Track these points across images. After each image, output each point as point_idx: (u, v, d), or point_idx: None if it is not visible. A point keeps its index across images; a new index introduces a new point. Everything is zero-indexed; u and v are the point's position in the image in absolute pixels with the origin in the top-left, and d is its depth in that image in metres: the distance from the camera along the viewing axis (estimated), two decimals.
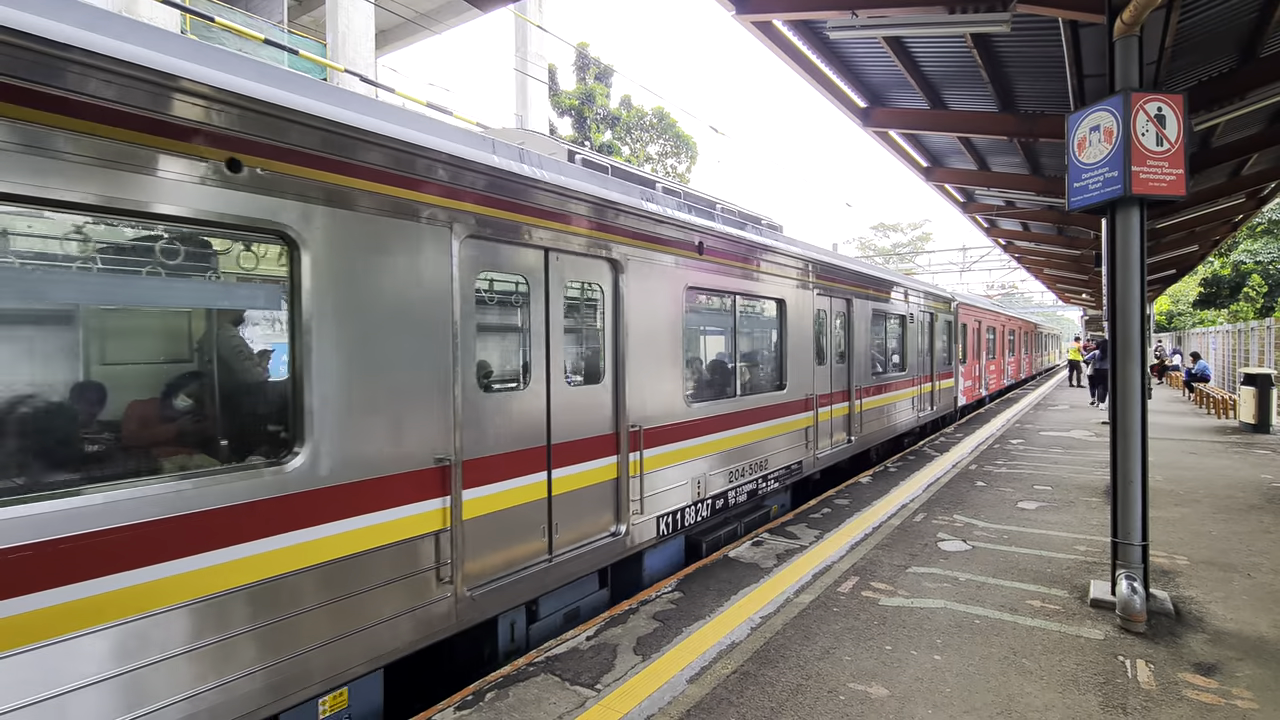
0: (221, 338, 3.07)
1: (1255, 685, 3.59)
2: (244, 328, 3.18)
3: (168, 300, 3.04)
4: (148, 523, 2.51)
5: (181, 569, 2.60)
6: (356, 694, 3.38)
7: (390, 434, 3.37)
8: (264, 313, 3.22)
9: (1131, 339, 4.52)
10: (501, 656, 4.20)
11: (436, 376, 3.60)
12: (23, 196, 2.26)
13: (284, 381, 3.07)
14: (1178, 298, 37.99)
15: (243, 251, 3.02)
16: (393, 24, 19.32)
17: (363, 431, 3.25)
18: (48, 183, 2.31)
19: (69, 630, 2.31)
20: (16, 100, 2.23)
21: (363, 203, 3.25)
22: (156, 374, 2.99)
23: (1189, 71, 6.94)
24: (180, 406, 2.95)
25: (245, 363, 3.13)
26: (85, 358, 2.73)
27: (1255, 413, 13.29)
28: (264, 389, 3.22)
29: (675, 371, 5.57)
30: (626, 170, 5.65)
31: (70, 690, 2.33)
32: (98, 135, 2.40)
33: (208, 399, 3.02)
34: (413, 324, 3.49)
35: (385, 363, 3.36)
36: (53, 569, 2.28)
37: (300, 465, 2.98)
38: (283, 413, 3.06)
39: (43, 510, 2.27)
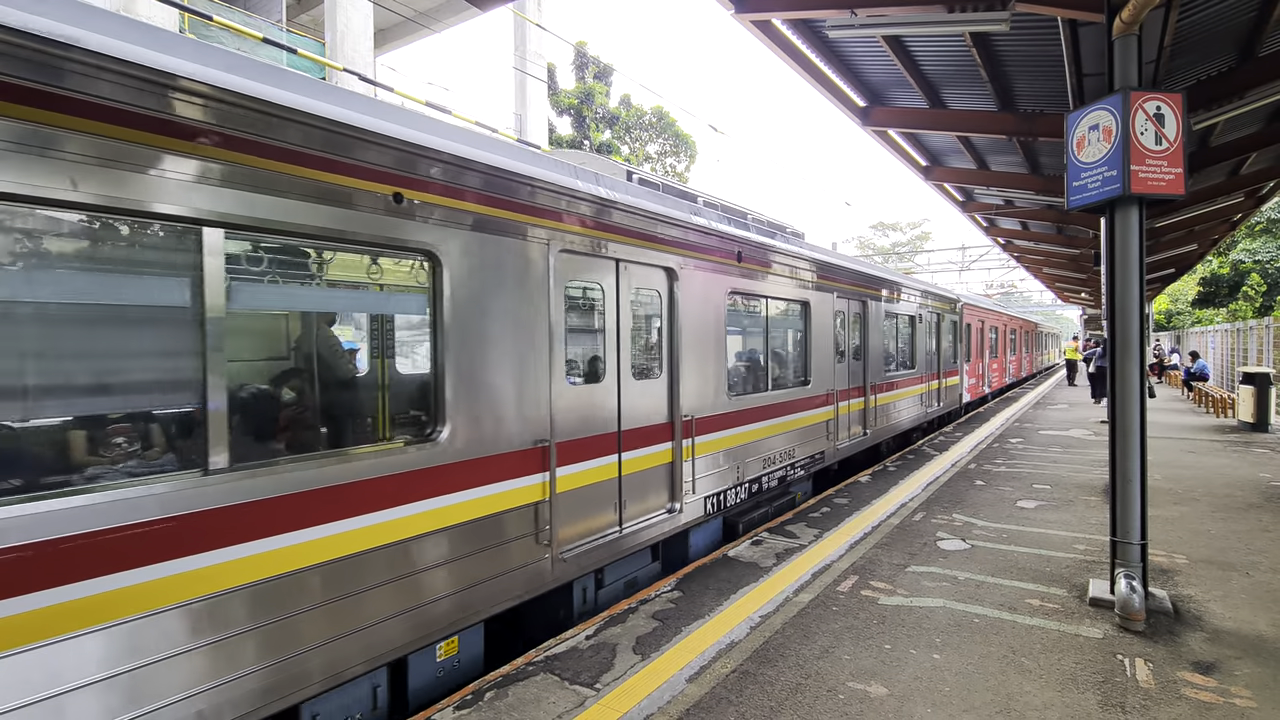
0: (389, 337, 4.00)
1: (1254, 684, 3.60)
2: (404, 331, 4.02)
3: (368, 308, 3.95)
4: (351, 484, 3.21)
5: (369, 522, 3.28)
6: (464, 643, 3.96)
7: (505, 418, 4.03)
8: (416, 317, 3.94)
9: (1130, 338, 4.53)
10: (575, 617, 4.81)
11: (538, 371, 4.27)
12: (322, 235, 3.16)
13: (427, 374, 3.71)
14: (1176, 297, 38.03)
15: (402, 267, 3.68)
16: (391, 23, 19.30)
17: (485, 416, 3.90)
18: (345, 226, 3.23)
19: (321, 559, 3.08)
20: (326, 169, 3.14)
21: (486, 225, 3.90)
22: (403, 369, 4.05)
23: (1188, 70, 6.94)
24: (365, 390, 3.90)
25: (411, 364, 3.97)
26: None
27: (1254, 411, 13.31)
28: (418, 380, 3.89)
29: (719, 367, 6.18)
30: (673, 186, 6.18)
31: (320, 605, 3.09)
32: (331, 183, 3.16)
33: (381, 386, 3.88)
34: (521, 327, 4.16)
35: (502, 359, 4.02)
36: (315, 513, 3.07)
37: (449, 441, 3.65)
38: (426, 399, 3.72)
39: (311, 469, 3.06)
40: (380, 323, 3.96)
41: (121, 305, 2.79)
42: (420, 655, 3.67)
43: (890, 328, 11.14)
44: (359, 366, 3.95)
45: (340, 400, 3.72)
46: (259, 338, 3.60)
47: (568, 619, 4.74)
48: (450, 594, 3.64)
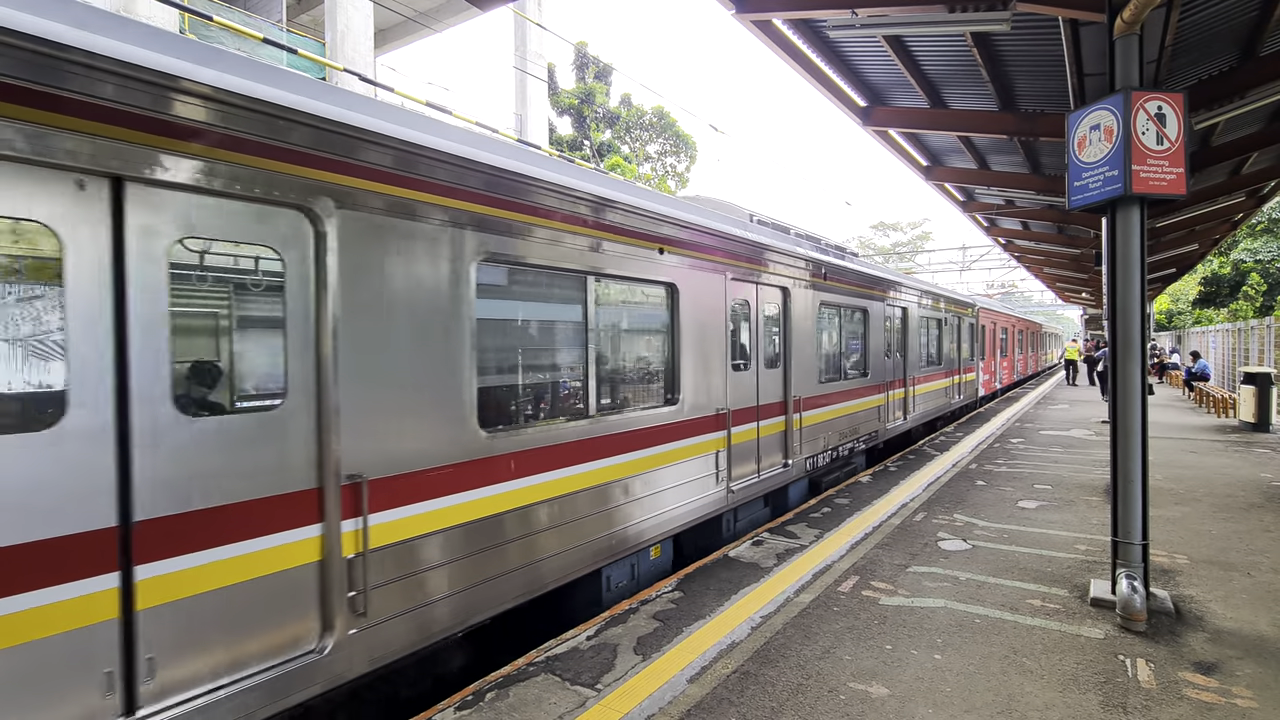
0: (654, 341, 5.72)
1: (1255, 684, 3.59)
2: (655, 337, 5.74)
3: (648, 324, 5.64)
4: (655, 427, 5.31)
5: (658, 450, 5.35)
6: (664, 549, 5.74)
7: (706, 392, 5.97)
8: (664, 327, 5.67)
9: (1132, 338, 4.52)
10: (729, 538, 6.66)
11: (720, 360, 6.16)
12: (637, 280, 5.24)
13: (671, 364, 5.65)
14: (1177, 296, 38.00)
15: (659, 295, 5.57)
16: (392, 23, 19.30)
17: (698, 390, 5.86)
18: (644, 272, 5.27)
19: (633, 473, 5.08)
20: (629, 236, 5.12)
21: (702, 265, 5.89)
22: (653, 358, 5.68)
23: (1189, 70, 6.93)
24: (659, 377, 5.68)
25: (659, 355, 5.74)
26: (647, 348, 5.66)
27: (1255, 411, 13.29)
28: (669, 371, 5.69)
29: (814, 361, 8.06)
30: (775, 221, 8.00)
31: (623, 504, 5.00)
32: (637, 246, 5.13)
33: (659, 372, 5.67)
34: (715, 331, 6.09)
35: (707, 354, 5.99)
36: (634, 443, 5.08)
37: (680, 406, 5.62)
38: (672, 379, 5.63)
39: (650, 414, 5.27)
40: (646, 329, 5.67)
41: (562, 322, 4.72)
42: (640, 554, 5.41)
43: (923, 329, 12.90)
44: (647, 359, 5.73)
45: (641, 378, 5.62)
46: (608, 340, 5.14)
47: (728, 538, 6.68)
48: (678, 506, 5.58)
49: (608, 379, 5.07)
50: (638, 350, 5.54)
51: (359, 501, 3.18)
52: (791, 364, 7.42)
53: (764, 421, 6.92)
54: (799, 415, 7.55)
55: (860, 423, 9.54)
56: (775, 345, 7.32)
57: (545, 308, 4.62)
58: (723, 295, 6.19)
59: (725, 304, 6.22)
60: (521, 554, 4.04)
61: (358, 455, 3.18)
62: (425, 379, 3.52)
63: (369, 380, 3.25)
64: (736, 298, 6.49)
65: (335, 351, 3.08)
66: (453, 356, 3.66)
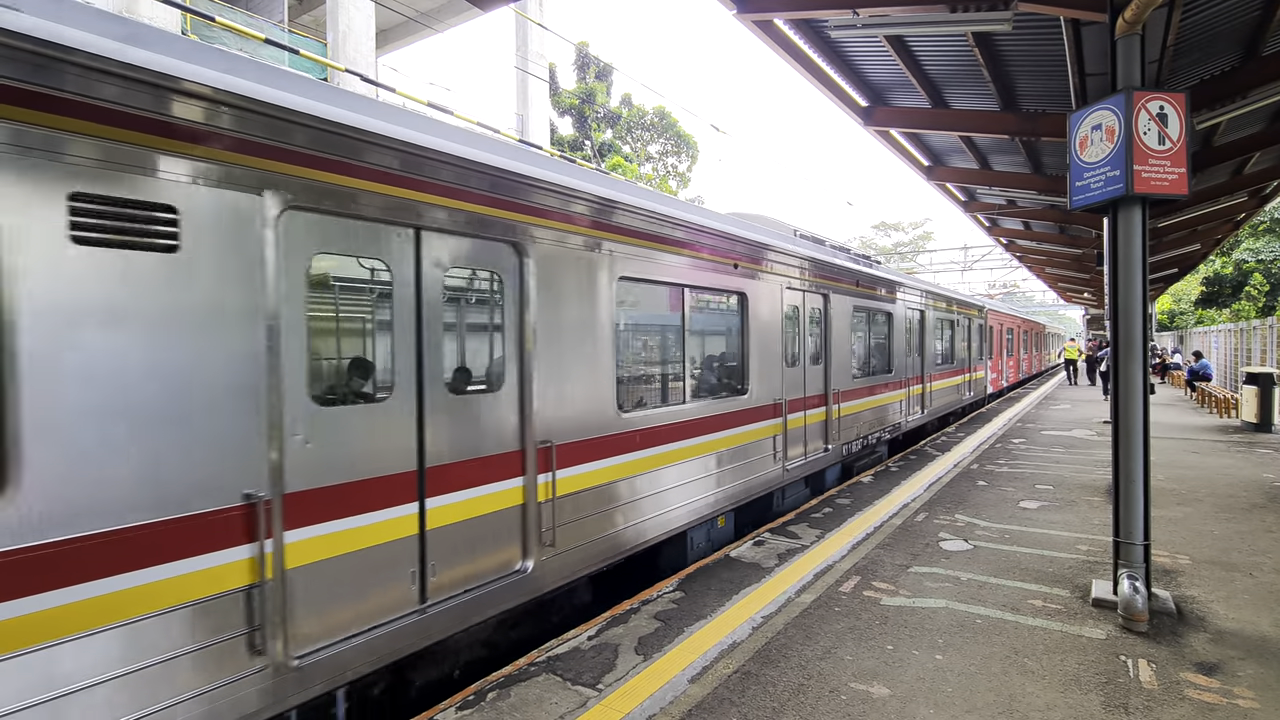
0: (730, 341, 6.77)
1: (1257, 685, 3.59)
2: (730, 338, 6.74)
3: (725, 327, 6.72)
4: (732, 412, 6.26)
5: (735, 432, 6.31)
6: (728, 520, 6.64)
7: (767, 385, 6.93)
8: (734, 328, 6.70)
9: (1133, 338, 4.52)
10: (780, 511, 7.62)
11: (778, 357, 7.18)
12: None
13: (742, 360, 6.63)
14: (1179, 296, 37.93)
15: (733, 303, 6.59)
16: (393, 23, 19.31)
17: (761, 382, 6.79)
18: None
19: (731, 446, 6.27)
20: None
21: (764, 276, 6.88)
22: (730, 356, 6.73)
23: (1191, 70, 6.93)
24: (733, 371, 6.68)
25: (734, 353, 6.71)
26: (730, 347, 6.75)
27: (1257, 412, 13.27)
28: (739, 366, 6.66)
29: (848, 359, 8.97)
30: (814, 235, 8.83)
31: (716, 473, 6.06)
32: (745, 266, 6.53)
33: (734, 367, 6.65)
34: (772, 331, 7.04)
35: (766, 350, 6.94)
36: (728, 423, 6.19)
37: (749, 396, 6.59)
38: (743, 373, 6.62)
39: (728, 401, 6.28)
40: (724, 332, 6.72)
41: (668, 326, 5.70)
42: (709, 522, 6.22)
43: (938, 331, 13.83)
44: (725, 356, 6.76)
45: (721, 372, 6.69)
46: (698, 341, 6.20)
47: (776, 513, 7.57)
48: (749, 478, 6.58)
49: (697, 372, 6.28)
50: (719, 349, 6.73)
51: (550, 460, 4.25)
52: (831, 361, 8.43)
53: (810, 411, 7.94)
54: (837, 406, 8.59)
55: (885, 415, 10.49)
56: (817, 345, 8.27)
57: (656, 315, 5.71)
58: (779, 301, 7.18)
59: (781, 309, 7.21)
60: (647, 508, 5.18)
61: (548, 426, 4.24)
62: (586, 370, 4.58)
63: (553, 371, 4.30)
64: (789, 303, 7.43)
65: (533, 349, 4.15)
66: (602, 353, 4.73)
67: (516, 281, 4.07)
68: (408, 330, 3.47)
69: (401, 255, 3.43)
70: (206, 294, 2.68)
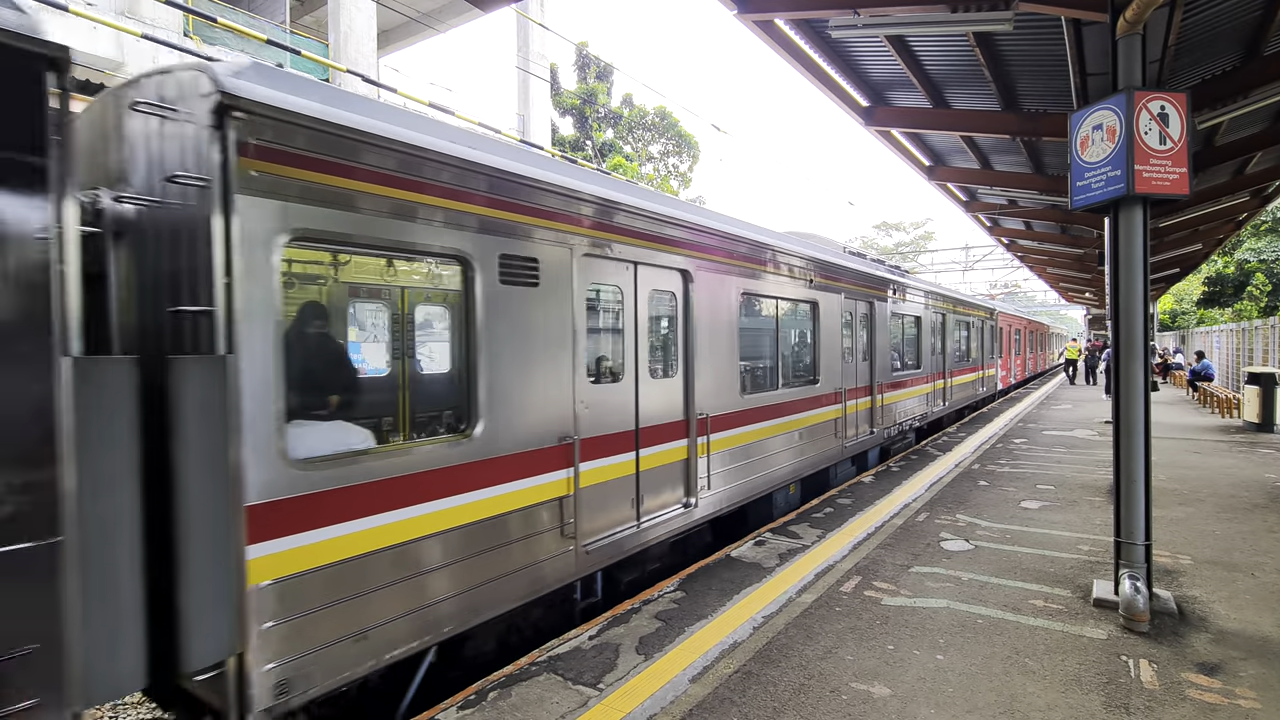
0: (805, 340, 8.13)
1: (1259, 685, 3.59)
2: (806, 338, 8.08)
3: (803, 329, 8.04)
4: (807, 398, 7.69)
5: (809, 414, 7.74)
6: (797, 488, 7.91)
7: (831, 376, 8.24)
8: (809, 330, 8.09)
9: (1135, 338, 4.51)
10: (834, 482, 9.06)
11: (838, 353, 8.45)
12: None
13: (814, 356, 7.98)
14: (1181, 296, 37.85)
15: (808, 310, 7.90)
16: (394, 24, 19.33)
17: (826, 375, 8.11)
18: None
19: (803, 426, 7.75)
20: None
21: (828, 288, 8.16)
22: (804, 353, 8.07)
23: (1192, 70, 6.92)
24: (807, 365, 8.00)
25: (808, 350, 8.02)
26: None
27: (1259, 412, 13.24)
28: (812, 360, 7.98)
29: (888, 357, 10.39)
30: (857, 250, 10.43)
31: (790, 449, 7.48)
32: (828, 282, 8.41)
33: (808, 362, 7.96)
34: (834, 333, 8.31)
35: (830, 348, 8.26)
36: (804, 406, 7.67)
37: (820, 385, 7.92)
38: (814, 367, 7.92)
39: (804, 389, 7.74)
40: (801, 333, 8.10)
41: (765, 329, 7.08)
42: (782, 491, 7.45)
43: (957, 332, 15.43)
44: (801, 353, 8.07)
45: (800, 366, 8.00)
46: (784, 341, 7.54)
47: (833, 484, 8.98)
48: (816, 453, 7.93)
49: (784, 365, 7.51)
50: (799, 347, 8.11)
51: (705, 428, 5.76)
52: (875, 358, 9.82)
53: (860, 400, 9.30)
54: (880, 396, 10.03)
55: (916, 406, 12.02)
56: (865, 344, 9.58)
57: (761, 321, 7.12)
58: (838, 308, 8.50)
59: (839, 315, 8.53)
60: (758, 468, 6.68)
61: (702, 402, 5.72)
62: (724, 362, 6.09)
63: (704, 362, 5.77)
64: (845, 310, 8.76)
65: (693, 346, 5.63)
66: (732, 350, 6.21)
67: (684, 299, 5.61)
68: (629, 333, 5.02)
69: (627, 283, 5.00)
70: (550, 312, 4.24)
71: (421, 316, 5.44)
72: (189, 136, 2.75)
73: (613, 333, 5.05)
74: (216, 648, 2.69)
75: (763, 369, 7.14)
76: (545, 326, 4.19)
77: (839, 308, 8.51)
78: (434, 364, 5.52)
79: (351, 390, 4.09)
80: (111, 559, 2.48)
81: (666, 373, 5.52)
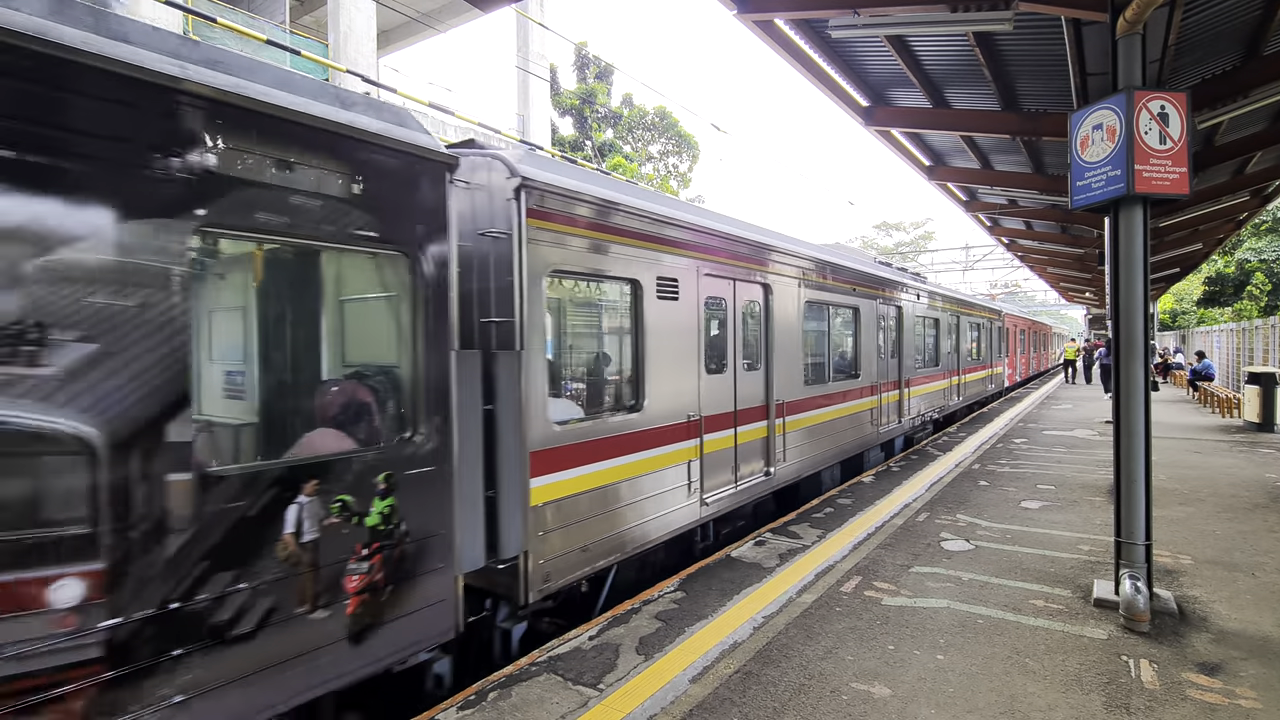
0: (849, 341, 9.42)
1: (1259, 685, 3.58)
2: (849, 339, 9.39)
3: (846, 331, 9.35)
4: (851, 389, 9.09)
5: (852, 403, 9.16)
6: (838, 467, 9.29)
7: (868, 371, 9.48)
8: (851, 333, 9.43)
9: (1135, 338, 4.51)
10: (863, 468, 10.22)
11: (875, 352, 9.73)
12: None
13: (855, 353, 9.36)
14: (1181, 296, 37.84)
15: (850, 314, 9.23)
16: (394, 24, 19.33)
17: (866, 370, 9.41)
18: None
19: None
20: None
21: (866, 295, 9.47)
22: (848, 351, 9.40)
23: (1192, 69, 6.91)
24: (850, 361, 9.35)
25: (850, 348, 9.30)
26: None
27: (1260, 411, 13.24)
28: (854, 357, 9.33)
29: (913, 354, 11.70)
30: (884, 261, 12.32)
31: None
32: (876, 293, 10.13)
33: (851, 358, 9.34)
34: (872, 334, 9.60)
35: (868, 347, 9.50)
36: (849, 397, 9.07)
37: (860, 379, 9.30)
38: (856, 363, 9.28)
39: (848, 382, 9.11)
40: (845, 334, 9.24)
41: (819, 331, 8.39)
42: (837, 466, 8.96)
43: (970, 332, 16.91)
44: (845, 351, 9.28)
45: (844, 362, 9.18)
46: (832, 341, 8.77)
47: (866, 466, 10.31)
48: (859, 437, 9.26)
49: (834, 362, 8.72)
50: (844, 345, 9.25)
51: (781, 411, 7.07)
52: (902, 357, 11.03)
53: (889, 393, 10.53)
54: (907, 390, 11.31)
55: (935, 400, 13.32)
56: (894, 344, 10.77)
57: (817, 324, 8.31)
58: (874, 312, 9.73)
59: (875, 318, 9.75)
60: (817, 447, 7.98)
61: (778, 390, 7.01)
62: (792, 358, 7.35)
63: (779, 357, 7.04)
64: (879, 313, 9.99)
65: (771, 344, 6.92)
66: (797, 347, 7.43)
67: (765, 307, 6.90)
68: (729, 335, 6.27)
69: (729, 296, 6.24)
70: (684, 319, 5.57)
71: (611, 323, 6.14)
72: (498, 205, 4.05)
73: (719, 334, 6.23)
74: (516, 545, 3.99)
75: (818, 364, 8.37)
76: (682, 329, 5.56)
77: (875, 312, 9.74)
78: (619, 358, 6.13)
79: (577, 377, 5.33)
80: (472, 480, 3.74)
81: (753, 366, 6.73)
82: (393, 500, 3.23)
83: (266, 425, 3.15)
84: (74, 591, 2.23)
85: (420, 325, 3.38)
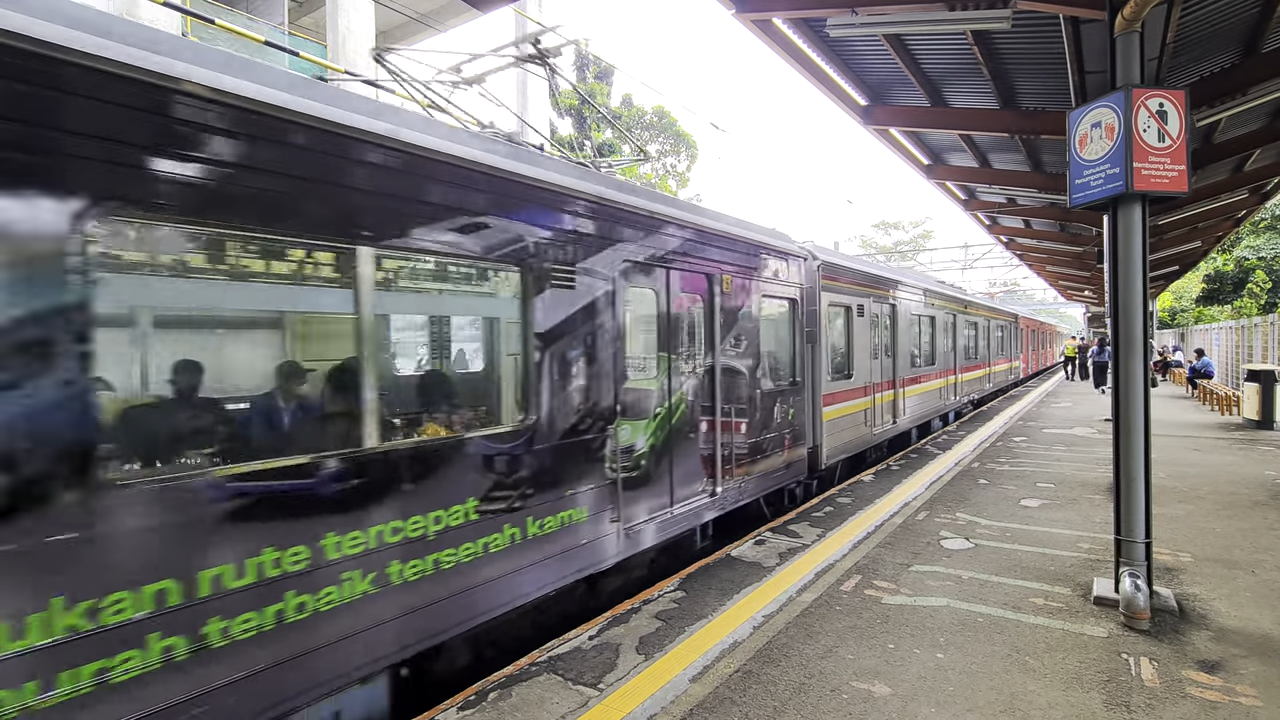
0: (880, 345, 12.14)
1: (1259, 682, 3.59)
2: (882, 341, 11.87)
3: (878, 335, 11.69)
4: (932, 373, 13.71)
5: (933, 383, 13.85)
6: (917, 430, 13.27)
7: (942, 360, 14.24)
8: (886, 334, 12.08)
9: (1134, 336, 4.51)
10: (931, 432, 14.11)
11: (949, 345, 15.02)
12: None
13: (933, 348, 13.87)
14: (1180, 294, 37.85)
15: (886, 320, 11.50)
16: (393, 25, 19.32)
17: (938, 359, 13.92)
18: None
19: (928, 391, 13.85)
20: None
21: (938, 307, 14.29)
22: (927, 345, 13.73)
23: (1190, 67, 6.91)
24: (929, 353, 13.75)
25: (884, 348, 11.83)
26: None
27: (1259, 409, 13.24)
28: (931, 350, 13.72)
29: (965, 349, 15.78)
30: (942, 281, 16.48)
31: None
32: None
33: (930, 351, 13.77)
34: (944, 330, 14.53)
35: (940, 340, 14.09)
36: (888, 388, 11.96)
37: (935, 366, 13.78)
38: (933, 354, 13.73)
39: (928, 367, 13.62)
40: (928, 335, 13.42)
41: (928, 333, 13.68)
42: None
43: (995, 333, 20.67)
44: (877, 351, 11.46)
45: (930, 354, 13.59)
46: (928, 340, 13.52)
47: (932, 430, 14.16)
48: (938, 404, 13.90)
49: (921, 353, 12.01)
50: (926, 342, 12.62)
51: (903, 384, 11.40)
52: (957, 349, 15.06)
53: (949, 377, 14.21)
54: (959, 376, 15.31)
55: (975, 385, 17.47)
56: (951, 339, 14.44)
57: (917, 326, 11.77)
58: (943, 320, 13.15)
59: (945, 324, 12.97)
60: (917, 409, 12.02)
61: (899, 370, 11.19)
62: (905, 347, 11.43)
63: (900, 347, 11.24)
64: (945, 321, 13.66)
65: (894, 342, 11.10)
66: (908, 341, 11.64)
67: (891, 315, 10.33)
68: (880, 335, 9.53)
69: (880, 310, 9.68)
70: (864, 326, 9.67)
71: (842, 330, 9.34)
72: (809, 272, 8.10)
73: (876, 334, 10.08)
74: (813, 441, 8.12)
75: (916, 355, 12.18)
76: (865, 332, 9.67)
77: (943, 320, 14.04)
78: (844, 348, 9.43)
79: (834, 359, 8.87)
80: (813, 403, 8.20)
81: (887, 353, 10.59)
82: (792, 407, 7.47)
83: (778, 374, 7.35)
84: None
85: (798, 330, 7.79)
